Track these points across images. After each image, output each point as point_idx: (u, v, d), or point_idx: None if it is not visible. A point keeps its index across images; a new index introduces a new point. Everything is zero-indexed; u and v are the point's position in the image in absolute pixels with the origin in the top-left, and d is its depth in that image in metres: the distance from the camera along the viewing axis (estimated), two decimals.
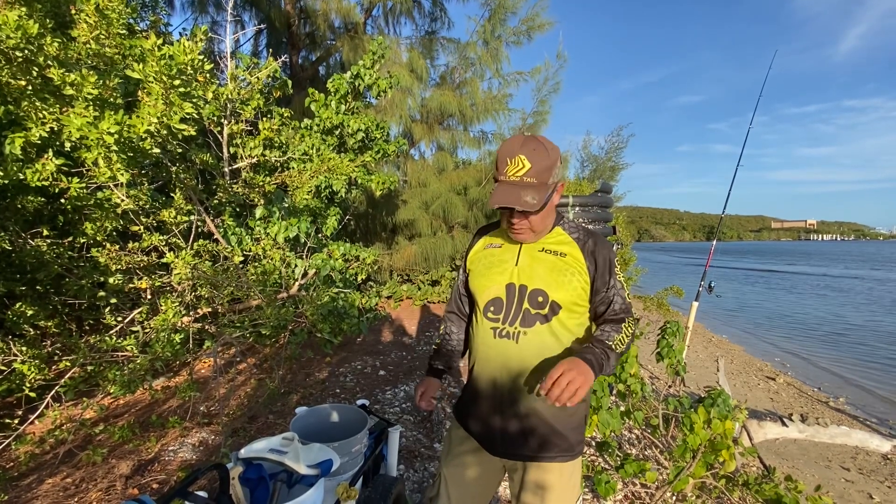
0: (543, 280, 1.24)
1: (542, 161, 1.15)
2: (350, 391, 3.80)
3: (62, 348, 2.86)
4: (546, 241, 1.30)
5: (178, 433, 2.84)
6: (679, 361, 2.97)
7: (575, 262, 1.25)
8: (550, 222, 1.30)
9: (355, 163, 3.98)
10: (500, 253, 1.35)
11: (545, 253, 1.28)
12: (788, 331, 10.09)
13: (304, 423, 1.86)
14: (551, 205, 1.25)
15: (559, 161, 1.20)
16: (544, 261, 1.27)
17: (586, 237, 1.30)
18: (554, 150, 1.19)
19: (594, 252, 1.26)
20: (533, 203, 1.14)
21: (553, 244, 1.29)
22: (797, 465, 3.70)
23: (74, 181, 2.64)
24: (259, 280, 3.33)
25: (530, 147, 1.16)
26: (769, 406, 5.17)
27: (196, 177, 3.66)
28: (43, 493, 2.31)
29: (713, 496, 2.62)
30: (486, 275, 1.34)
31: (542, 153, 1.16)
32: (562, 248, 1.28)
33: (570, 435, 1.28)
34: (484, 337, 1.32)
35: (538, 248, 1.29)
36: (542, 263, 1.27)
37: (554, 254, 1.27)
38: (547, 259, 1.27)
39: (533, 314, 1.24)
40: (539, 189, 1.16)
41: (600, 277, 1.26)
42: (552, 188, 1.20)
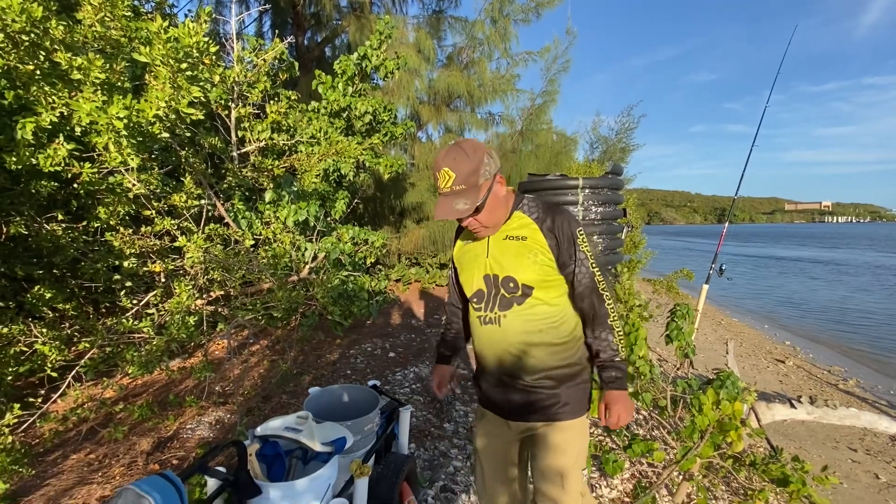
0: (511, 266, 1.33)
1: (464, 167, 1.22)
2: (361, 372, 3.87)
3: (80, 330, 2.93)
4: (508, 228, 1.36)
5: (195, 412, 2.93)
6: (688, 344, 2.97)
7: (535, 242, 1.32)
8: (503, 213, 1.35)
9: (363, 146, 3.96)
10: (473, 248, 1.44)
11: (509, 240, 1.35)
12: (800, 314, 10.01)
13: (318, 402, 1.90)
14: (496, 198, 1.30)
15: (485, 158, 1.26)
16: (509, 248, 1.35)
17: (545, 215, 1.35)
18: (476, 150, 1.25)
19: (552, 228, 1.32)
20: (465, 208, 1.23)
21: (515, 229, 1.36)
22: (805, 446, 3.72)
23: (86, 166, 2.67)
24: (270, 263, 3.36)
25: (451, 157, 1.24)
26: (778, 388, 5.17)
27: (205, 161, 3.67)
28: (68, 468, 2.41)
29: (720, 476, 2.65)
30: (467, 270, 1.45)
31: (463, 159, 1.23)
32: (522, 231, 1.34)
33: (573, 396, 1.40)
34: (474, 325, 1.47)
35: (502, 237, 1.36)
36: (507, 250, 1.35)
37: (516, 239, 1.34)
38: (510, 245, 1.35)
39: (509, 298, 1.35)
40: (469, 193, 1.24)
41: (564, 252, 1.32)
42: (488, 184, 1.26)
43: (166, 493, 0.96)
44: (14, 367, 2.65)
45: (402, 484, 1.83)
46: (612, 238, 3.98)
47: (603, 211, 3.91)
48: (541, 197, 1.45)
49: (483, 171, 1.24)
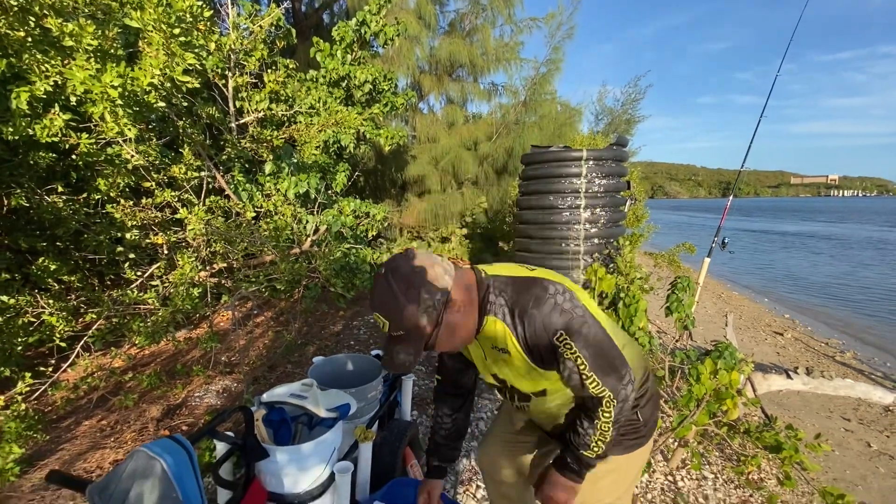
0: (509, 378, 1.18)
1: (396, 313, 0.98)
2: (364, 343, 3.93)
3: (86, 302, 2.97)
4: (491, 337, 1.11)
5: (203, 381, 2.99)
6: (688, 316, 2.99)
7: (519, 358, 1.09)
8: (468, 329, 1.09)
9: (363, 116, 3.89)
10: (472, 346, 1.22)
11: (496, 351, 1.13)
12: (801, 288, 10.04)
13: (322, 371, 1.94)
14: (451, 326, 1.04)
15: (423, 292, 0.98)
16: (500, 358, 1.14)
17: (517, 321, 1.06)
18: (411, 286, 0.98)
19: (527, 341, 1.05)
20: (407, 359, 1.01)
21: (494, 339, 1.11)
22: (799, 415, 3.80)
23: (83, 137, 2.64)
24: (272, 236, 3.37)
25: (380, 300, 1.00)
26: (775, 360, 5.24)
27: (203, 132, 3.62)
28: (81, 434, 2.48)
29: (714, 442, 2.73)
30: (476, 363, 1.27)
31: (392, 304, 0.98)
32: (502, 342, 1.09)
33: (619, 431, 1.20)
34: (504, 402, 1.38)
35: (490, 346, 1.14)
36: (500, 361, 1.15)
37: (502, 351, 1.11)
38: (500, 357, 1.14)
39: (524, 395, 1.21)
40: (409, 339, 1.01)
41: (546, 365, 1.08)
42: (433, 322, 1.01)
43: (177, 455, 0.99)
44: (23, 338, 2.70)
45: (405, 449, 1.88)
46: (614, 211, 3.97)
47: (606, 183, 3.89)
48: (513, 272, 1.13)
49: (423, 310, 0.98)
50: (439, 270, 1.01)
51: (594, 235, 3.81)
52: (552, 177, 3.84)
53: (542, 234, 3.95)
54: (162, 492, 0.93)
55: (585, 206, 3.76)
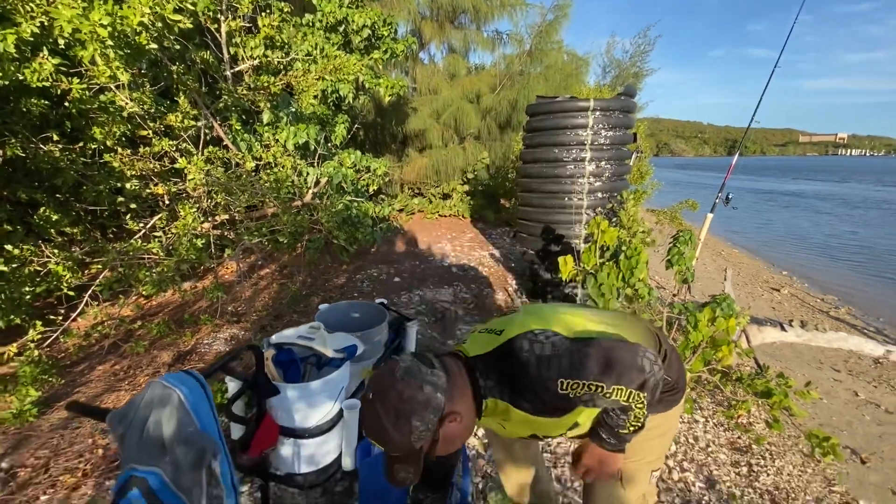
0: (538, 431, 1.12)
1: (388, 443, 0.94)
2: (367, 295, 3.99)
3: (90, 253, 2.99)
4: (499, 417, 1.10)
5: (211, 329, 3.06)
6: (688, 269, 3.02)
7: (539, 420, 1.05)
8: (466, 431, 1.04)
9: (362, 62, 3.75)
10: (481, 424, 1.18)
11: (506, 422, 1.11)
12: (801, 247, 10.07)
13: (327, 317, 1.98)
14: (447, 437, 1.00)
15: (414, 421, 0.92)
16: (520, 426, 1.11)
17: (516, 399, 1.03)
18: (400, 420, 0.92)
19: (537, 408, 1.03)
20: (407, 477, 0.98)
21: (509, 416, 1.08)
22: (790, 365, 3.91)
23: (75, 82, 2.56)
24: (272, 188, 3.34)
25: (371, 429, 0.95)
26: (771, 315, 5.34)
27: (198, 79, 3.50)
28: (96, 378, 2.57)
29: (707, 389, 2.82)
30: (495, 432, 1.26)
31: (384, 435, 0.93)
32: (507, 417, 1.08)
33: None
34: None
35: (500, 419, 1.11)
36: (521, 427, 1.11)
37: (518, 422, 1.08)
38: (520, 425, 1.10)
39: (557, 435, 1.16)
40: (409, 460, 0.97)
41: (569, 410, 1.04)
42: (429, 440, 0.96)
43: (192, 387, 1.02)
44: (31, 287, 2.74)
45: None
46: (620, 164, 3.91)
47: (613, 135, 3.80)
48: None
49: (416, 438, 0.94)
50: (429, 391, 0.94)
51: (598, 189, 3.77)
52: (557, 128, 3.75)
53: (544, 188, 3.91)
54: (179, 420, 0.97)
55: (590, 159, 3.69)
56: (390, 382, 0.95)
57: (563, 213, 3.83)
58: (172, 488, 0.93)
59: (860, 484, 2.31)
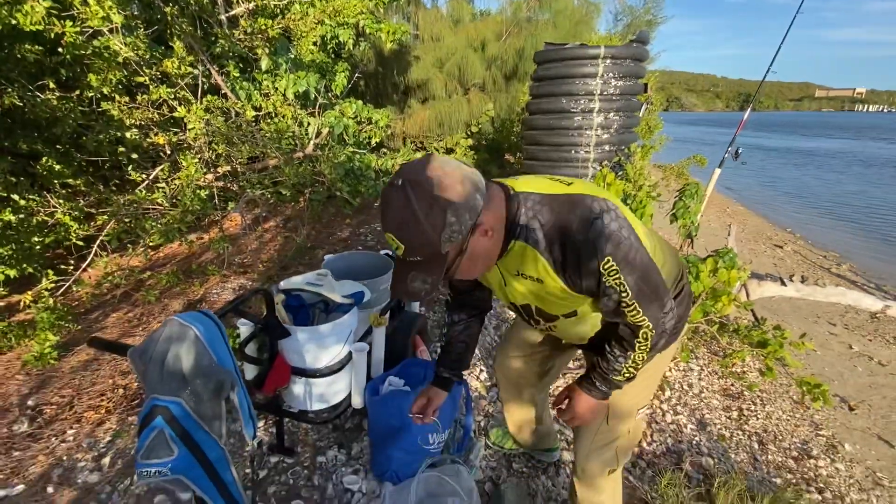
0: (537, 301, 1.05)
1: (415, 237, 0.81)
2: (372, 248, 4.02)
3: (96, 203, 2.99)
4: (515, 264, 0.99)
5: (219, 279, 3.12)
6: (693, 223, 3.01)
7: (553, 285, 0.96)
8: (492, 254, 0.95)
9: (363, 4, 3.58)
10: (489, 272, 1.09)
11: (522, 277, 1.00)
12: (807, 204, 9.97)
13: (334, 265, 2.01)
14: (476, 251, 0.90)
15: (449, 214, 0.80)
16: (525, 285, 1.02)
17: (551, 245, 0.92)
18: (434, 209, 0.79)
19: (566, 269, 0.93)
20: (423, 288, 0.87)
21: (525, 266, 0.97)
22: (787, 319, 3.98)
23: (68, 24, 2.47)
24: (273, 138, 3.28)
25: (396, 220, 0.81)
26: (773, 270, 5.37)
27: (193, 23, 3.37)
28: (111, 325, 2.66)
29: (704, 339, 2.90)
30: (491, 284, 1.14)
31: (411, 226, 0.80)
32: (533, 268, 0.96)
33: None
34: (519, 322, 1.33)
35: (512, 272, 1.01)
36: (525, 287, 1.03)
37: (531, 279, 0.99)
38: (526, 284, 1.01)
39: (550, 317, 1.10)
40: (427, 266, 0.85)
41: (586, 292, 0.96)
42: (457, 247, 0.86)
43: (206, 324, 1.06)
44: (40, 237, 2.77)
45: (415, 337, 2.01)
46: (628, 116, 3.81)
47: (623, 85, 3.68)
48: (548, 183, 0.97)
49: (447, 236, 0.82)
50: (469, 187, 0.82)
51: (605, 142, 3.69)
52: (566, 77, 3.62)
53: (551, 140, 3.83)
54: (197, 354, 1.02)
55: (599, 111, 3.60)
56: (427, 168, 0.82)
57: (570, 167, 3.78)
58: (194, 416, 0.99)
59: (846, 429, 2.42)
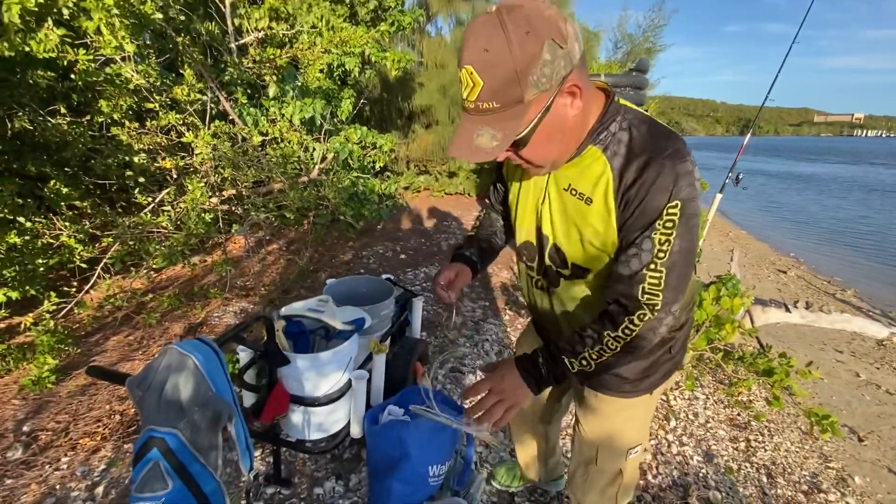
0: (561, 234, 0.94)
1: (499, 69, 0.67)
2: (374, 271, 4.02)
3: (101, 226, 3.02)
4: (575, 173, 0.88)
5: (220, 303, 3.12)
6: None
7: (603, 210, 0.84)
8: (568, 144, 0.83)
9: (369, 34, 3.69)
10: (528, 180, 1.00)
11: (570, 194, 0.90)
12: (810, 228, 9.97)
13: (335, 291, 2.01)
14: (557, 121, 0.76)
15: (545, 48, 0.67)
16: (567, 205, 0.91)
17: (629, 159, 0.80)
18: (531, 36, 0.66)
19: (629, 192, 0.80)
20: (492, 146, 0.73)
21: (582, 179, 0.87)
22: (793, 346, 3.93)
23: (81, 53, 2.54)
24: (279, 163, 3.33)
25: (481, 45, 0.68)
26: (776, 296, 5.33)
27: (203, 52, 3.47)
28: (110, 348, 2.64)
29: (709, 367, 2.86)
30: (519, 208, 1.05)
31: (500, 53, 0.67)
32: (591, 186, 0.85)
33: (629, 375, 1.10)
34: (523, 280, 1.18)
35: (564, 185, 0.91)
36: (563, 209, 0.92)
37: (579, 197, 0.88)
38: (569, 203, 0.91)
39: (555, 272, 1.00)
40: (505, 117, 0.72)
41: (626, 232, 0.83)
42: (543, 101, 0.72)
43: (206, 353, 1.05)
44: (44, 259, 2.79)
45: (416, 363, 1.99)
46: None
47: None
48: None
49: (535, 77, 0.68)
50: (571, 30, 0.69)
51: None
52: None
53: None
54: (196, 384, 1.01)
55: None
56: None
57: None
58: (190, 448, 0.97)
59: (856, 461, 2.35)
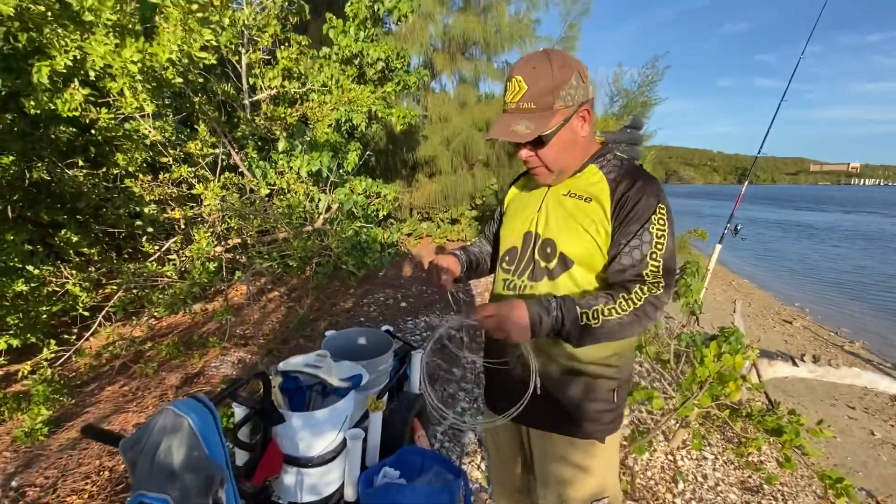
0: (557, 228, 1.08)
1: (541, 81, 0.97)
2: (374, 320, 4.01)
3: (107, 273, 3.07)
4: (574, 184, 1.09)
5: (219, 352, 3.10)
6: (696, 301, 3.01)
7: (599, 208, 1.03)
8: (575, 158, 1.08)
9: (375, 95, 3.89)
10: (526, 198, 1.20)
11: (569, 197, 1.08)
12: (814, 279, 9.93)
13: (334, 343, 2.00)
14: (571, 135, 1.03)
15: (573, 78, 0.98)
16: (564, 206, 1.08)
17: (622, 177, 1.03)
18: (565, 66, 0.98)
19: (626, 195, 1.00)
20: (525, 133, 0.97)
21: (582, 187, 1.07)
22: (803, 402, 3.82)
23: (103, 112, 2.69)
24: (285, 213, 3.42)
25: (529, 66, 0.98)
26: (783, 348, 5.24)
27: (218, 109, 3.66)
28: (105, 399, 2.60)
29: (715, 424, 2.77)
30: (509, 223, 1.22)
31: (544, 71, 0.97)
32: (590, 190, 1.06)
33: (585, 411, 1.11)
34: (495, 290, 1.24)
35: (563, 192, 1.10)
36: (562, 209, 1.08)
37: (578, 198, 1.06)
38: (567, 204, 1.08)
39: (542, 267, 1.09)
40: (537, 116, 0.98)
41: (623, 227, 1.00)
42: (565, 113, 1.00)
43: (202, 414, 1.05)
44: (48, 307, 2.81)
45: (414, 420, 1.95)
46: None
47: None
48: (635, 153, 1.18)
49: (564, 93, 0.97)
50: (587, 82, 1.03)
51: None
52: None
53: None
54: (189, 447, 1.00)
55: None
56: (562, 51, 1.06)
57: None
58: None
59: None
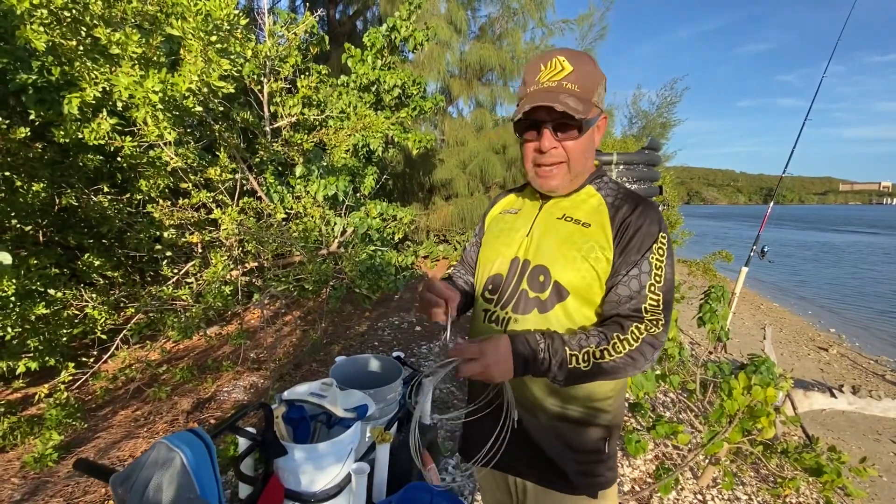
0: (550, 254, 0.96)
1: (587, 66, 0.92)
2: (387, 344, 3.96)
3: (127, 297, 3.12)
4: (569, 206, 1.00)
5: (231, 376, 3.09)
6: (722, 327, 2.87)
7: (599, 234, 0.94)
8: (588, 167, 1.01)
9: (391, 120, 3.94)
10: (513, 220, 1.08)
11: (565, 221, 0.98)
12: (848, 302, 9.47)
13: (343, 370, 1.96)
14: (591, 141, 0.98)
15: (603, 84, 0.96)
16: (559, 230, 0.98)
17: (622, 201, 0.96)
18: (598, 68, 0.95)
19: (626, 221, 0.93)
20: (575, 108, 0.87)
21: (578, 209, 0.99)
22: (843, 437, 3.57)
23: (127, 140, 2.78)
24: (301, 237, 3.45)
25: (571, 52, 0.94)
26: (818, 377, 4.95)
27: (239, 135, 3.76)
28: (117, 423, 2.60)
29: (748, 462, 2.59)
30: (492, 246, 1.09)
31: (588, 60, 0.94)
32: (588, 215, 0.97)
33: (572, 461, 1.01)
34: (474, 323, 1.11)
35: (558, 215, 1.00)
36: (556, 233, 0.98)
37: (576, 222, 0.97)
38: (563, 228, 0.97)
39: (531, 298, 0.97)
40: (582, 99, 0.90)
41: (624, 256, 0.92)
42: (596, 112, 0.95)
43: (196, 449, 1.01)
44: (68, 329, 2.86)
45: (424, 452, 1.87)
46: None
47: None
48: None
49: (599, 93, 0.94)
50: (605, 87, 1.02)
51: None
52: None
53: None
54: (179, 484, 0.96)
55: None
56: None
57: None
58: None
59: None
